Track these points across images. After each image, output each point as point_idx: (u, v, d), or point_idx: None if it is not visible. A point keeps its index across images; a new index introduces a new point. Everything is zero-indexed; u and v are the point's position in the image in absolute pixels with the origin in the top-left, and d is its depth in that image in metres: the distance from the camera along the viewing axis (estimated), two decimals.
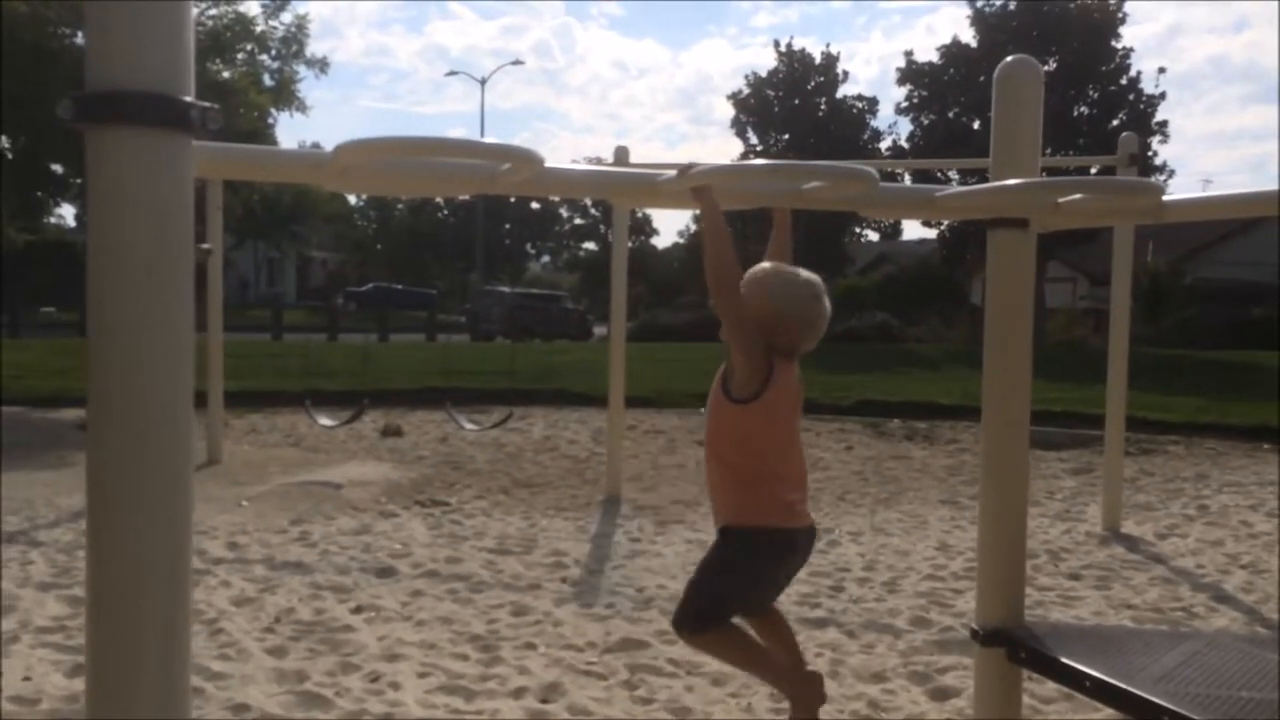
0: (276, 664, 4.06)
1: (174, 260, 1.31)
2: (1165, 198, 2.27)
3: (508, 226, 55.88)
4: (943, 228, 29.62)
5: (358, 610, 4.83)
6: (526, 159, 1.73)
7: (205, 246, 7.65)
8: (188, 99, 1.30)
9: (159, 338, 1.31)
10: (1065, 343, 25.70)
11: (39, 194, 14.80)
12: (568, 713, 3.73)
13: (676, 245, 56.29)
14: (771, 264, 2.71)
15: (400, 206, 55.08)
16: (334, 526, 6.61)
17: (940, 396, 14.03)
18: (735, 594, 2.84)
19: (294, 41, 15.12)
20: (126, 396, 1.30)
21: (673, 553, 6.17)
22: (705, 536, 6.59)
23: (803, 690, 2.91)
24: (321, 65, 15.91)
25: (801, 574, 5.73)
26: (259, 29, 14.68)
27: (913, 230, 52.79)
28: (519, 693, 3.88)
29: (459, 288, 53.49)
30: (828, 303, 2.77)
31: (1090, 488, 8.54)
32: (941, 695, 3.99)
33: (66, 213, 35.47)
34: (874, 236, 44.21)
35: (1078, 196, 2.17)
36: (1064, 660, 2.49)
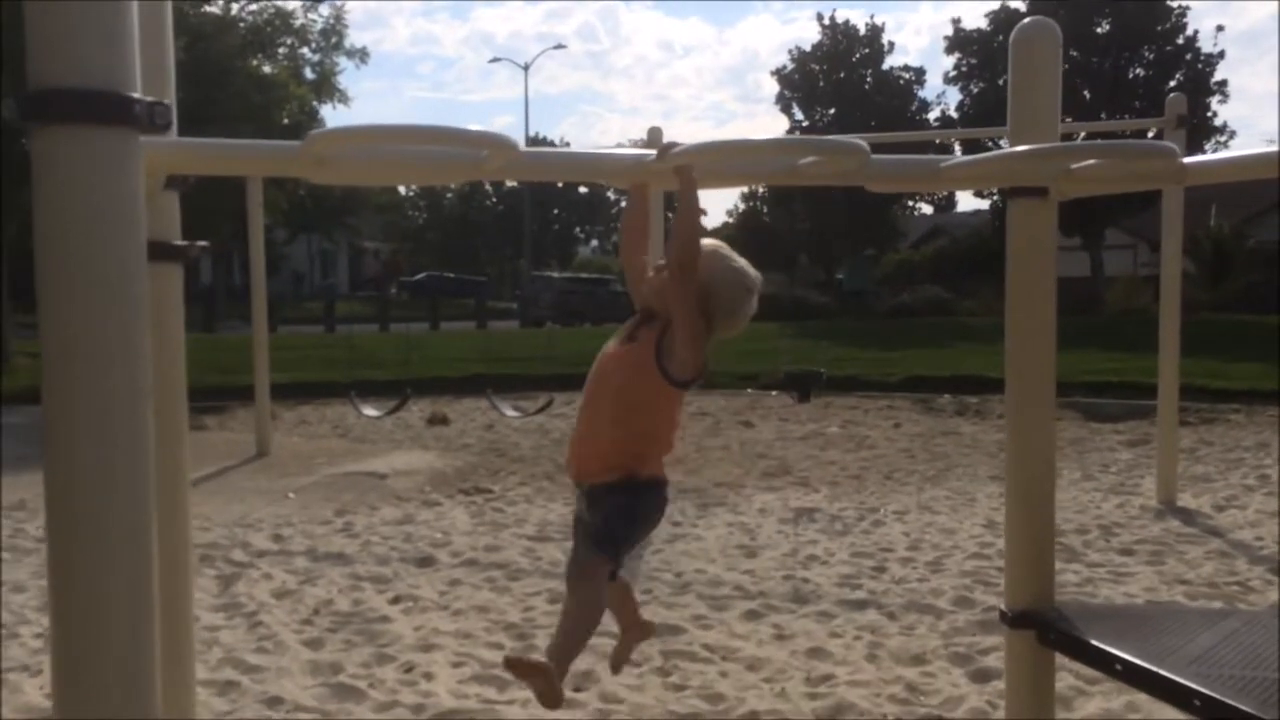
0: (312, 656, 4.09)
1: (124, 260, 1.28)
2: (1188, 160, 2.17)
3: (556, 212, 55.98)
4: (995, 197, 29.09)
5: (396, 600, 4.85)
6: (499, 144, 1.69)
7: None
8: (132, 94, 1.27)
9: (112, 339, 1.28)
10: (1126, 311, 25.12)
11: None
12: (600, 700, 3.72)
13: (726, 225, 55.93)
14: (719, 245, 2.59)
15: (450, 195, 55.42)
16: (377, 517, 6.66)
17: (992, 370, 13.74)
18: (633, 542, 2.78)
19: (333, 33, 15.25)
20: (81, 403, 1.28)
21: (713, 536, 6.11)
22: (748, 519, 6.55)
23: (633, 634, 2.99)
24: (362, 55, 16.05)
25: (843, 554, 5.70)
26: (299, 22, 14.83)
27: (967, 201, 51.96)
28: None
29: (509, 274, 53.73)
30: (755, 303, 2.68)
31: (1147, 460, 8.32)
32: (983, 677, 3.90)
33: None
34: (928, 209, 43.62)
35: (1092, 162, 2.07)
36: (1094, 642, 2.40)
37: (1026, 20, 2.61)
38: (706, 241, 2.45)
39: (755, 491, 7.47)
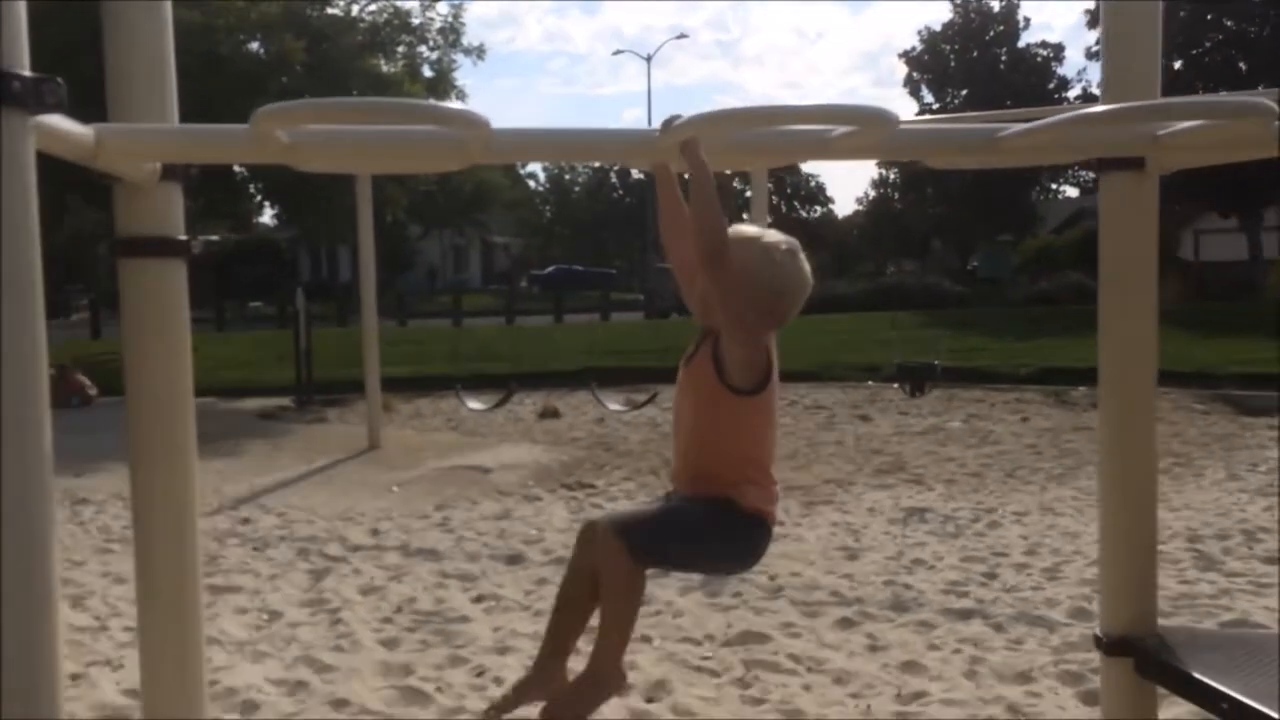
0: (386, 656, 4.03)
1: (9, 257, 1.16)
2: None
3: None
4: None
5: (479, 600, 4.77)
6: (466, 121, 1.52)
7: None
8: (14, 70, 1.14)
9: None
10: None
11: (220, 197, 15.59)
12: (671, 712, 3.53)
13: (856, 213, 54.81)
14: (750, 228, 2.30)
15: (577, 188, 55.87)
16: (475, 512, 6.62)
17: None
18: (700, 562, 2.47)
19: (451, 31, 15.46)
20: None
21: (815, 537, 5.85)
22: (854, 519, 6.26)
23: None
24: (479, 52, 16.22)
25: (952, 558, 5.37)
26: (417, 21, 15.09)
27: None
28: (624, 690, 3.69)
29: (638, 267, 53.83)
30: (806, 268, 2.36)
31: None
32: (1094, 699, 3.55)
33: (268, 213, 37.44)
34: (1073, 192, 41.76)
35: (1180, 126, 1.77)
36: (1197, 675, 2.10)
37: None
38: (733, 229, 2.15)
39: (865, 489, 7.16)
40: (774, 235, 2.31)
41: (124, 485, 6.91)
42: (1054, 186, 38.09)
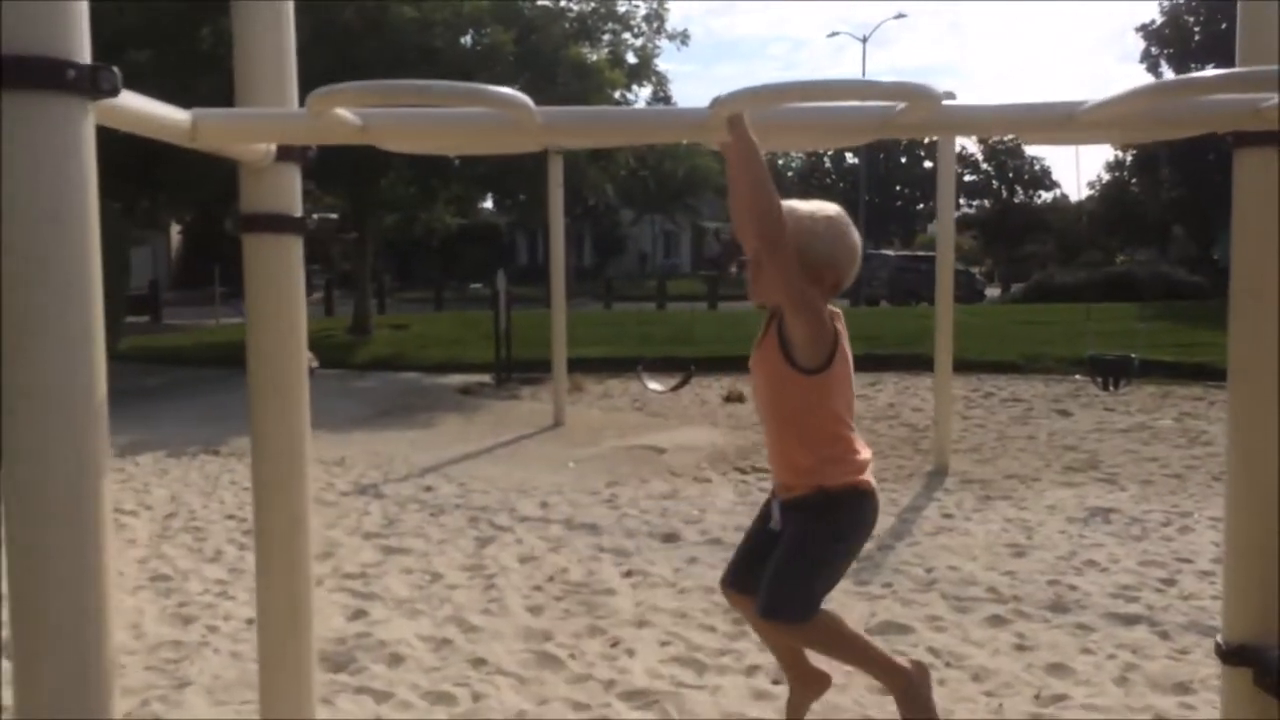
0: (530, 622, 4.19)
1: (66, 233, 1.30)
2: None
3: (898, 188, 54.41)
4: None
5: (628, 574, 4.88)
6: (508, 102, 1.57)
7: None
8: (69, 59, 1.28)
9: (53, 318, 1.29)
10: None
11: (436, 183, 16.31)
12: None
13: (1090, 198, 51.76)
14: (797, 203, 2.35)
15: (791, 172, 55.41)
16: (643, 490, 6.74)
17: None
18: (840, 567, 2.54)
19: (655, 17, 15.68)
20: (26, 393, 1.31)
21: (983, 532, 5.64)
22: (1029, 516, 6.00)
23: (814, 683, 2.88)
24: (683, 38, 16.35)
25: (1130, 562, 5.07)
26: (623, 9, 15.39)
27: None
28: (751, 670, 3.72)
29: None
30: (855, 235, 2.53)
31: None
32: None
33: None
34: None
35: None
36: None
37: None
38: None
39: (1050, 486, 6.82)
40: (815, 206, 2.42)
41: (320, 450, 7.35)
42: None
